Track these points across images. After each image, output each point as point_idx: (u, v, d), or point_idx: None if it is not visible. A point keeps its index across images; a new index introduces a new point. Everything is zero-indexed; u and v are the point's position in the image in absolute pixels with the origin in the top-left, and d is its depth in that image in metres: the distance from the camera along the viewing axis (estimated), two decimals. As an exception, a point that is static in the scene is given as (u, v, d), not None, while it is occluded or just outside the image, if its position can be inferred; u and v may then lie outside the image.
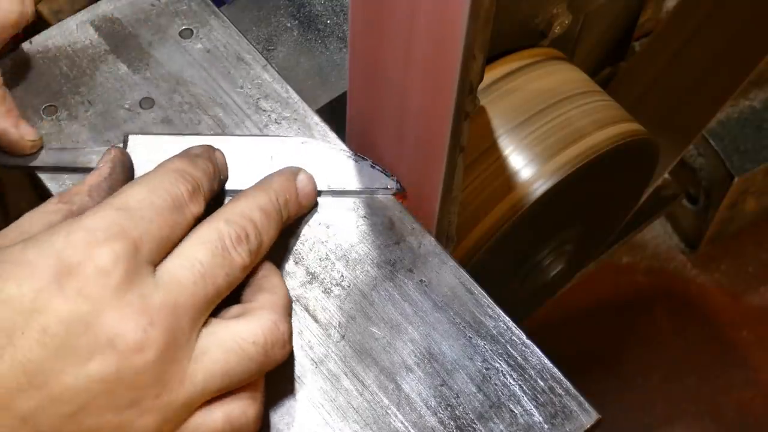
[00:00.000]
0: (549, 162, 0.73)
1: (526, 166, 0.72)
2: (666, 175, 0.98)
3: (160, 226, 0.42)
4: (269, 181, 0.49)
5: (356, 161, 0.53)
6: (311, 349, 0.48)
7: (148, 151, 0.52)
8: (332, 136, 0.54)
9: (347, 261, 0.50)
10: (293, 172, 0.50)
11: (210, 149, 0.49)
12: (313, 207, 0.52)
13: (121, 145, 0.52)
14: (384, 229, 0.51)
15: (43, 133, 0.53)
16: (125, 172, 0.49)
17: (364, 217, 0.52)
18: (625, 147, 0.77)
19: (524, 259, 0.84)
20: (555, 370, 0.47)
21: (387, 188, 0.52)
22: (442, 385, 0.47)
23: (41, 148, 0.53)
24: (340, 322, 0.48)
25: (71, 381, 0.38)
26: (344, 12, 0.65)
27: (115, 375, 0.39)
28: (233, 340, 0.42)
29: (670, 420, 1.34)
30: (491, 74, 0.75)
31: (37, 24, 0.57)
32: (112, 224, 0.41)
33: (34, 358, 0.38)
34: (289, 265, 0.50)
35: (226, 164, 0.50)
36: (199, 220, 0.45)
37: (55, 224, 0.43)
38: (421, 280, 0.49)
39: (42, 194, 0.52)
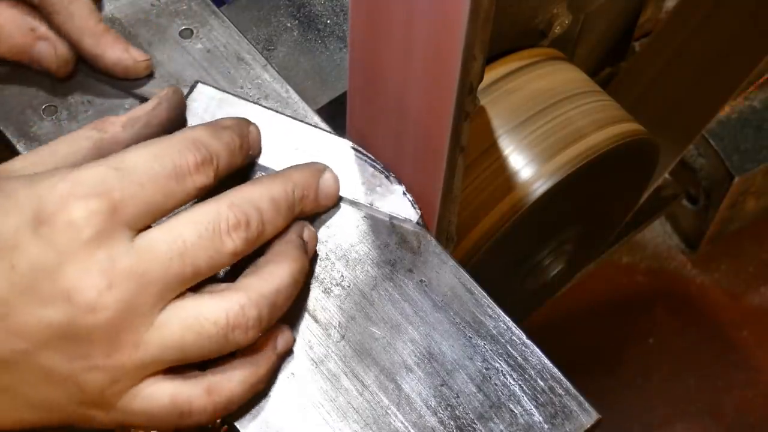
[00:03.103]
0: (549, 162, 0.73)
1: (526, 166, 0.72)
2: (666, 175, 0.98)
3: (152, 192, 0.43)
4: (291, 171, 0.49)
5: (389, 182, 0.52)
6: (311, 349, 0.48)
7: (210, 102, 0.52)
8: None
9: (347, 261, 0.50)
10: (319, 168, 0.50)
11: (244, 123, 0.49)
12: (333, 207, 0.51)
13: (187, 89, 0.53)
14: (384, 229, 0.51)
15: (43, 132, 0.53)
16: (171, 111, 0.49)
17: (364, 217, 0.52)
18: (625, 147, 0.77)
19: (524, 259, 0.83)
20: (555, 370, 0.47)
21: (410, 220, 0.51)
22: (442, 385, 0.47)
23: (153, 71, 0.54)
24: (340, 322, 0.48)
25: (28, 319, 0.40)
26: (344, 12, 0.65)
27: (67, 326, 0.40)
28: (195, 317, 0.42)
29: (670, 420, 1.34)
30: (491, 74, 0.75)
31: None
32: (99, 181, 0.41)
33: (0, 290, 0.40)
34: (289, 265, 0.50)
35: (259, 140, 0.50)
36: (215, 192, 0.45)
37: (83, 150, 0.45)
38: (421, 280, 0.49)
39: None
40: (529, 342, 0.48)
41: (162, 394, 0.43)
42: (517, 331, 0.48)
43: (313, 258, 0.49)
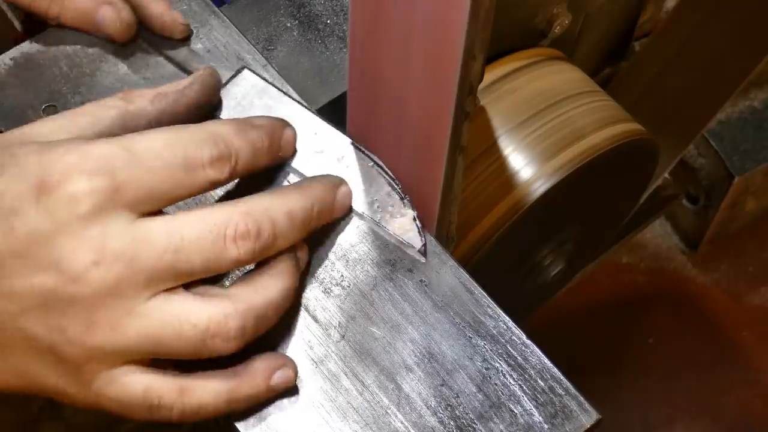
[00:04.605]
0: (549, 162, 0.73)
1: (526, 166, 0.72)
2: (666, 175, 0.98)
3: (159, 179, 0.42)
4: (312, 185, 0.48)
5: (402, 204, 0.51)
6: (311, 349, 0.48)
7: (250, 90, 0.52)
8: (332, 136, 0.54)
9: (347, 261, 0.50)
10: (336, 183, 0.50)
11: (278, 124, 0.49)
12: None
13: (232, 72, 0.53)
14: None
15: (43, 133, 0.53)
16: (203, 93, 0.49)
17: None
18: (625, 147, 0.77)
19: (524, 259, 0.83)
20: (555, 370, 0.47)
21: (412, 246, 0.50)
22: (442, 385, 0.47)
23: (189, 36, 0.56)
24: (340, 322, 0.48)
25: (17, 283, 0.41)
26: (344, 12, 0.65)
27: (50, 294, 0.41)
28: (176, 314, 0.42)
29: (670, 420, 1.34)
30: (491, 74, 0.75)
31: (37, 24, 0.57)
32: (107, 159, 0.42)
33: None
34: (289, 265, 0.50)
35: (293, 143, 0.50)
36: (236, 191, 0.45)
37: (108, 119, 0.45)
38: (421, 280, 0.49)
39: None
40: (529, 342, 0.48)
41: (137, 384, 0.43)
42: (517, 331, 0.48)
43: (303, 273, 0.49)
